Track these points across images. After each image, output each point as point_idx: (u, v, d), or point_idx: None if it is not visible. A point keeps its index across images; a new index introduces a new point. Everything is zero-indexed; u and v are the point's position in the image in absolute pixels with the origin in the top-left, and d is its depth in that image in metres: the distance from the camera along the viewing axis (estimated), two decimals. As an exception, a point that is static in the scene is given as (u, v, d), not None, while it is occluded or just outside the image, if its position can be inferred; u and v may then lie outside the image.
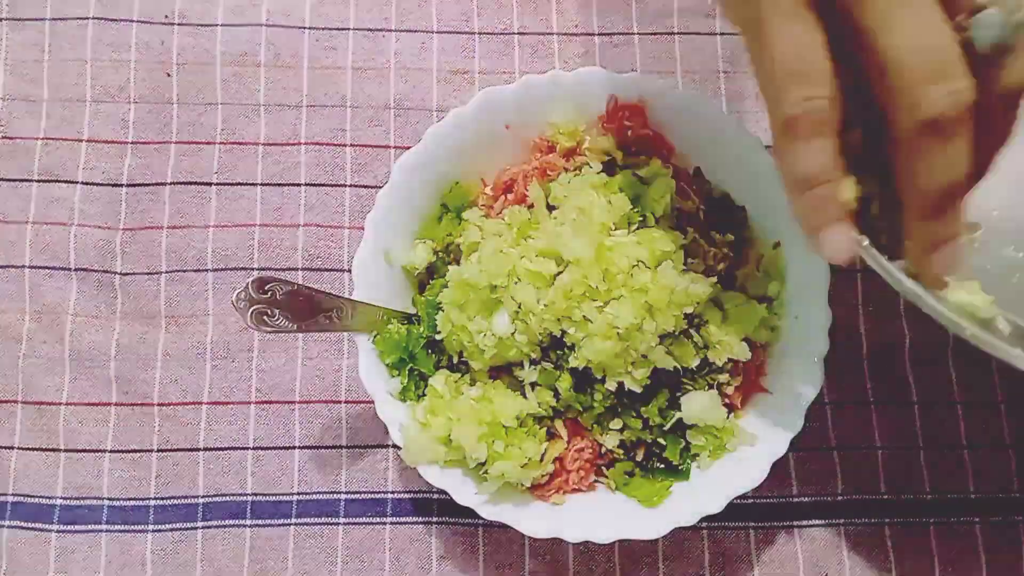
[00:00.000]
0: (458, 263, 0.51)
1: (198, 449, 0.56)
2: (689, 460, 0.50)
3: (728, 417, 0.50)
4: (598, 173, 0.51)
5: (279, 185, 0.59)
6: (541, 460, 0.49)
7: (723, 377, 0.50)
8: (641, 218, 0.50)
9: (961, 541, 0.55)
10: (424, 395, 0.50)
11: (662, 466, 0.50)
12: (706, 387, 0.49)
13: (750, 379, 0.51)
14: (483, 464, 0.48)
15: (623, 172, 0.51)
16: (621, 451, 0.50)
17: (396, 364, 0.50)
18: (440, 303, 0.50)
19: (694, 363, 0.48)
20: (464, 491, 0.48)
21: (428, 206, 0.52)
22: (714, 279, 0.49)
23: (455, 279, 0.48)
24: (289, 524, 0.55)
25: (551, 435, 0.50)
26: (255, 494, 0.55)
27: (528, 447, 0.48)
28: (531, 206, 0.51)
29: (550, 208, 0.51)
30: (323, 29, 0.61)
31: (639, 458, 0.50)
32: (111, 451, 0.56)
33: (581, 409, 0.49)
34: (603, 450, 0.50)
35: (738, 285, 0.52)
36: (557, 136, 0.53)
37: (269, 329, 0.47)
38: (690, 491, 0.49)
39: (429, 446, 0.47)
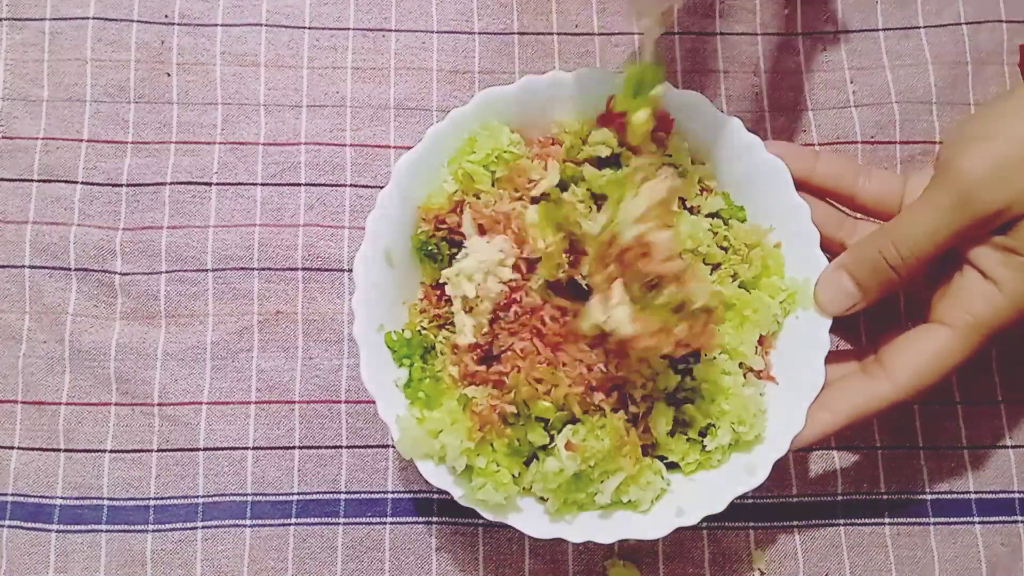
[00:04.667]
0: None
1: (198, 449, 0.56)
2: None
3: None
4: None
5: (279, 185, 0.59)
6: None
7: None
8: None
9: (961, 541, 0.56)
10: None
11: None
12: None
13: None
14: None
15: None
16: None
17: (404, 356, 0.50)
18: None
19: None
20: (464, 490, 0.48)
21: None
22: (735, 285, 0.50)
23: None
24: (289, 524, 0.55)
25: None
26: (255, 494, 0.56)
27: (512, 464, 0.47)
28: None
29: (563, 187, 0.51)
30: (323, 29, 0.61)
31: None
32: (111, 451, 0.56)
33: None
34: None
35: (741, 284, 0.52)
36: (563, 135, 0.52)
37: None
38: (691, 491, 0.49)
39: (423, 440, 0.47)
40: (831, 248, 0.52)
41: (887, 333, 0.50)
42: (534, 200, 0.50)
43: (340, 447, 0.56)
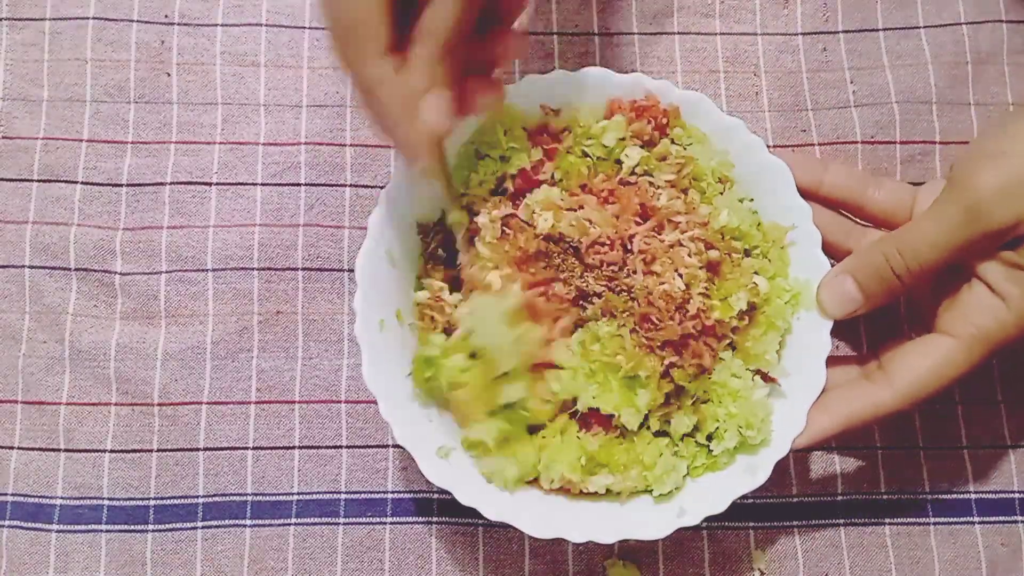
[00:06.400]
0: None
1: (198, 449, 0.56)
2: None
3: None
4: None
5: (279, 185, 0.59)
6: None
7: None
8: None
9: (961, 541, 0.56)
10: None
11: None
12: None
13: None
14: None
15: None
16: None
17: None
18: None
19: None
20: (467, 491, 0.48)
21: (429, 206, 0.52)
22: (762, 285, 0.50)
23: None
24: (289, 524, 0.55)
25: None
26: (255, 494, 0.55)
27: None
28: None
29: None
30: (323, 29, 0.61)
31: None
32: (111, 451, 0.56)
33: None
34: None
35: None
36: (575, 126, 0.52)
37: None
38: (692, 491, 0.49)
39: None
40: (838, 256, 0.51)
41: (890, 341, 0.50)
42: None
43: (340, 447, 0.56)
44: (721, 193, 0.51)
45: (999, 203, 0.44)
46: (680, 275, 0.48)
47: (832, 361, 0.49)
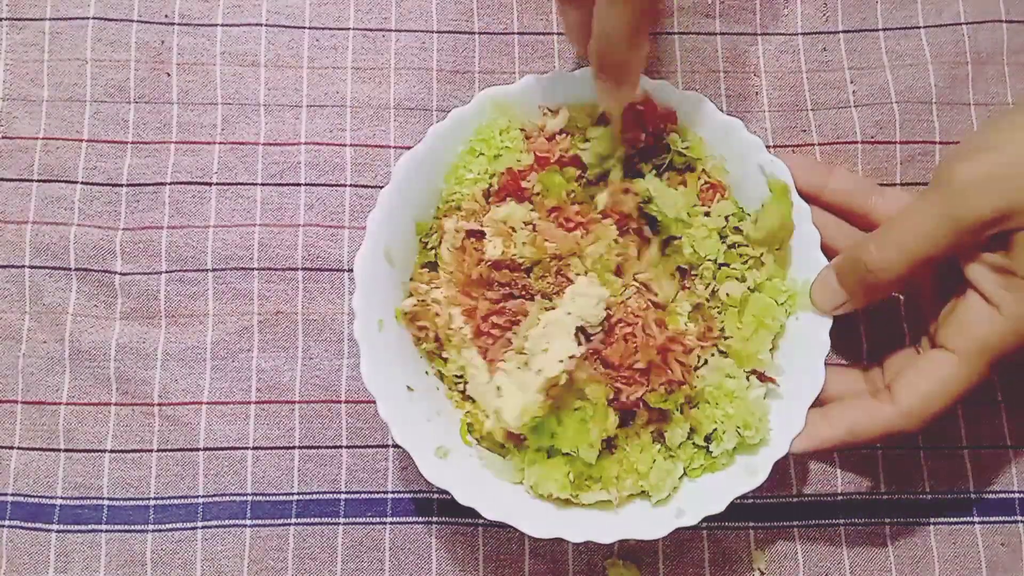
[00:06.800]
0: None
1: (198, 449, 0.56)
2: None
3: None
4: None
5: (279, 185, 0.59)
6: None
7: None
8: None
9: (961, 541, 0.56)
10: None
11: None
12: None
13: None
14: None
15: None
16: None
17: None
18: None
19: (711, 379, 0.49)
20: (465, 491, 0.48)
21: (429, 206, 0.52)
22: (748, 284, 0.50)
23: None
24: (289, 524, 0.55)
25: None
26: (255, 494, 0.56)
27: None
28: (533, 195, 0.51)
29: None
30: (323, 29, 0.61)
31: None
32: (111, 451, 0.56)
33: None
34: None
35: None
36: (574, 127, 0.52)
37: None
38: (691, 491, 0.49)
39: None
40: None
41: (892, 353, 0.50)
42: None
43: (340, 447, 0.56)
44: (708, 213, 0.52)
45: (977, 193, 0.43)
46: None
47: (836, 371, 0.49)
